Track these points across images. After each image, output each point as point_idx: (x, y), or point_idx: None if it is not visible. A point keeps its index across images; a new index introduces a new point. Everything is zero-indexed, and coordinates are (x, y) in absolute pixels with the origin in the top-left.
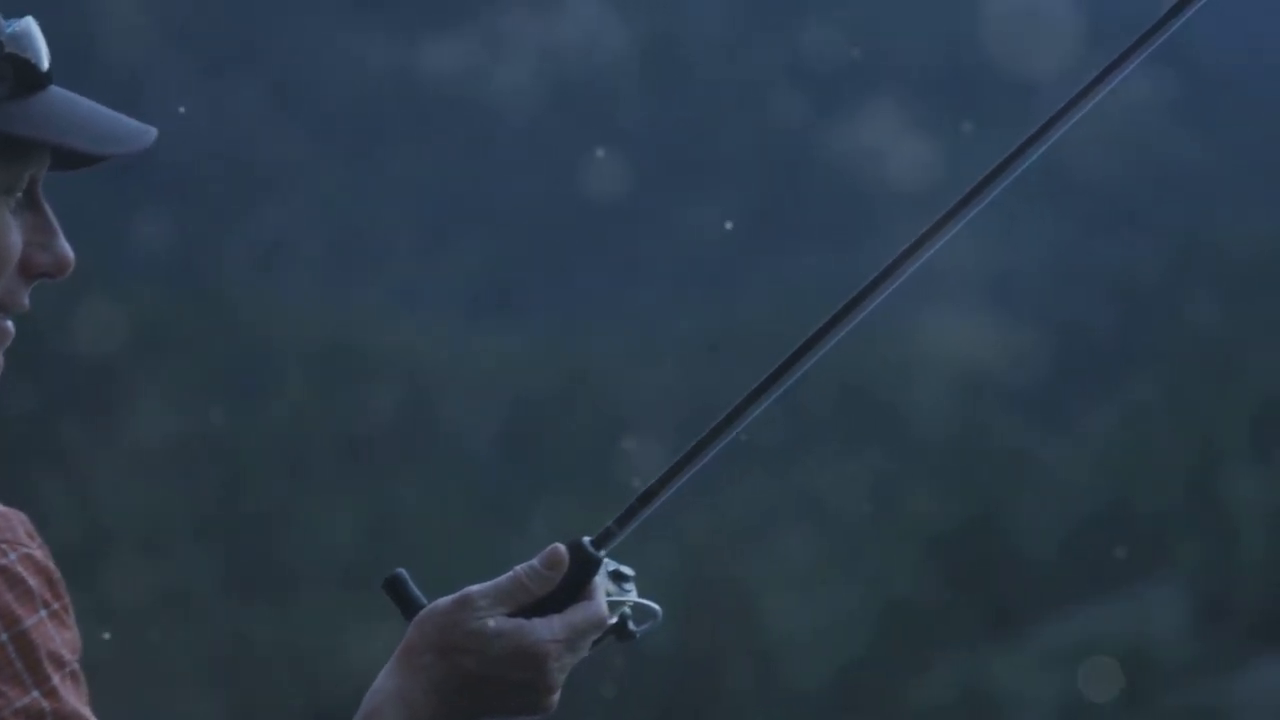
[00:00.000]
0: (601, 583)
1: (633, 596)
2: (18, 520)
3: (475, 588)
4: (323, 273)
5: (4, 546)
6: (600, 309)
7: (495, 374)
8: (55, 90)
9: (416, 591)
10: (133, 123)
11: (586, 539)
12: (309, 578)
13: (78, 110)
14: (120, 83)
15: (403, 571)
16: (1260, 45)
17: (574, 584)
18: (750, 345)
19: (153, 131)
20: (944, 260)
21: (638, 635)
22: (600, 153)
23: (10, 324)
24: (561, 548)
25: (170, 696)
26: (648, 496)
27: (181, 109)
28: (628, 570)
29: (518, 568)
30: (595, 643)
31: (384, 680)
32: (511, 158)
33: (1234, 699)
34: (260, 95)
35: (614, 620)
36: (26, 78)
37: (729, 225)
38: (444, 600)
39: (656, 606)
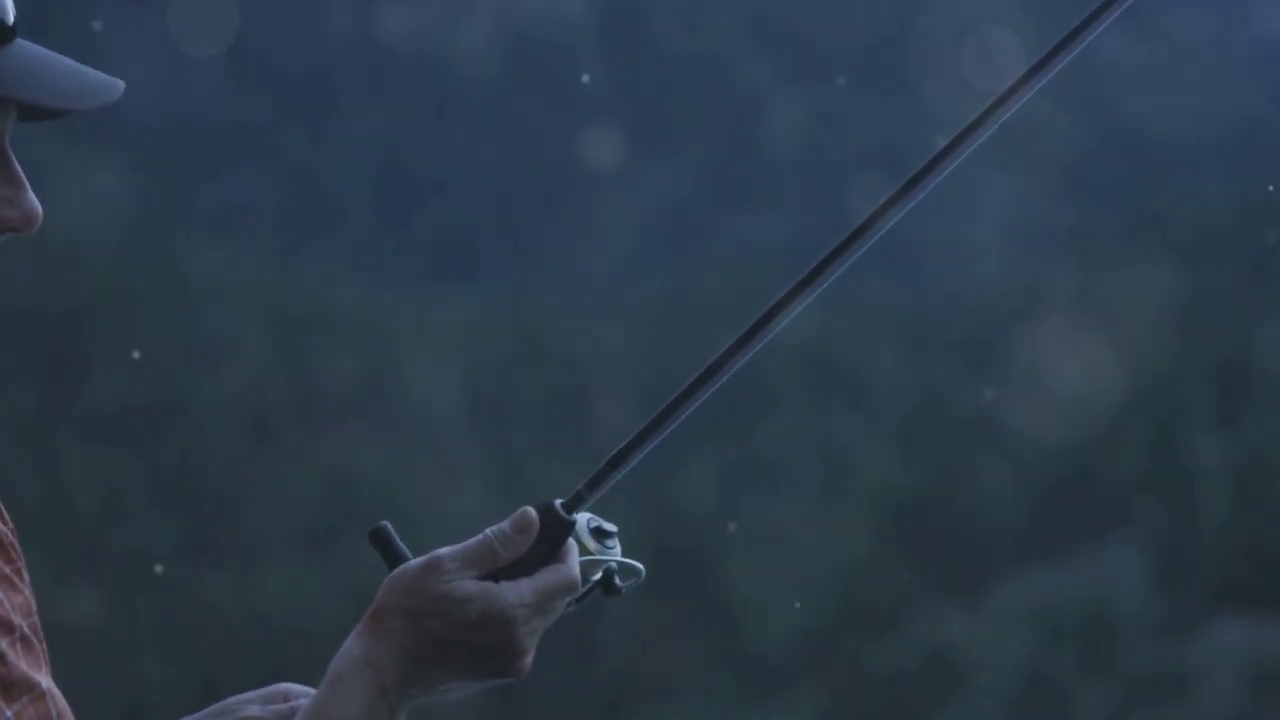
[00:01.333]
0: (573, 546)
1: (615, 554)
2: None
3: (444, 550)
4: (281, 236)
5: None
6: (559, 272)
7: (455, 337)
8: (21, 43)
9: (401, 544)
10: (100, 76)
11: (558, 502)
12: (269, 542)
13: (44, 64)
14: (79, 43)
15: (387, 524)
16: (1220, 11)
17: (545, 547)
18: (708, 309)
19: (120, 85)
20: (902, 222)
21: (623, 591)
22: (559, 115)
23: None
24: (531, 511)
25: (131, 661)
26: (618, 460)
27: (137, 74)
28: (610, 527)
29: (488, 531)
30: (580, 599)
31: (351, 643)
32: (470, 121)
33: (1194, 661)
34: (217, 57)
35: (598, 576)
36: None
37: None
38: (413, 563)
39: (639, 565)
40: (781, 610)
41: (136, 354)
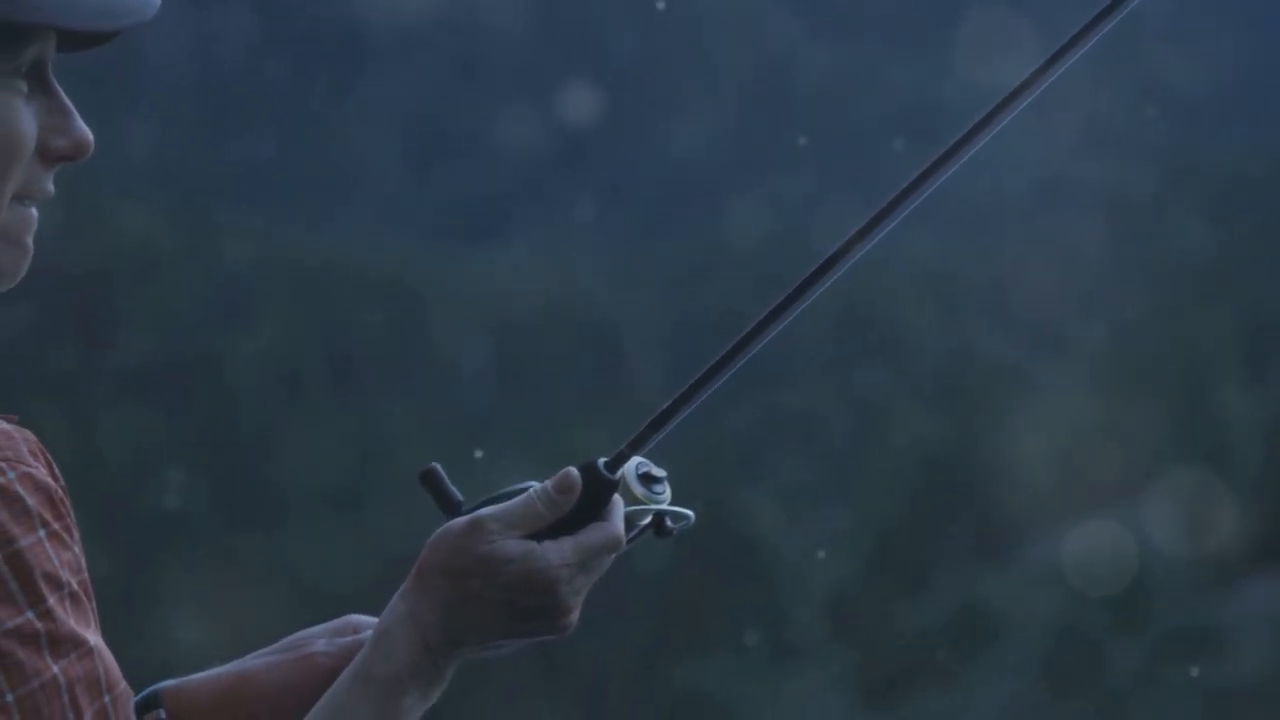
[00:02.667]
0: (618, 503)
1: (665, 499)
2: (22, 439)
3: (487, 510)
4: (311, 194)
5: (3, 465)
6: (589, 231)
7: (483, 296)
8: None
9: (451, 486)
10: None
11: (601, 460)
12: (299, 500)
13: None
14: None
15: (437, 466)
16: None
17: (589, 505)
18: (739, 267)
19: (155, 2)
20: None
21: (673, 532)
22: (588, 73)
23: (34, 211)
24: (574, 472)
25: (162, 619)
26: (660, 420)
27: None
28: (659, 471)
29: (531, 490)
30: (629, 541)
31: (397, 601)
32: (499, 79)
33: (1227, 617)
34: (244, 16)
35: (646, 521)
36: None
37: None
38: (457, 522)
39: (688, 512)
40: (812, 568)
41: (167, 311)
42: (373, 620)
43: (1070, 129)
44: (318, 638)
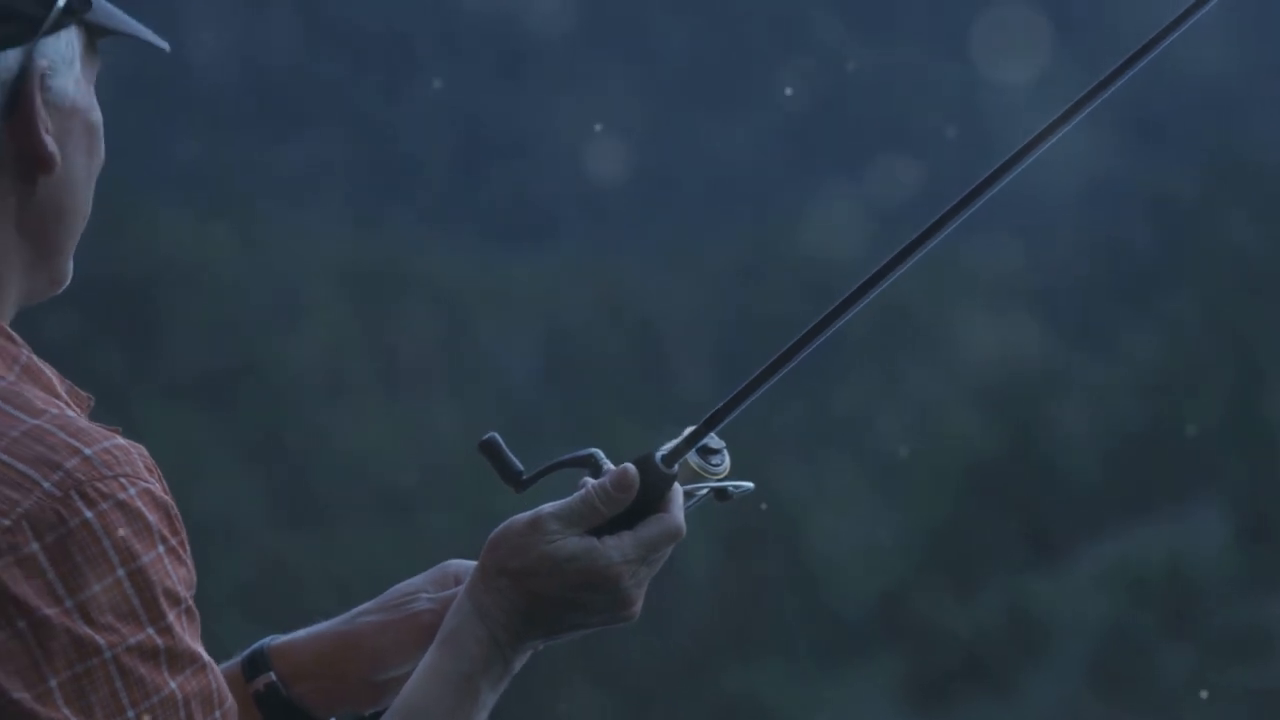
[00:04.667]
0: (678, 492)
1: (723, 470)
2: (136, 453)
3: (548, 508)
4: (357, 197)
5: (124, 480)
6: (637, 233)
7: (532, 298)
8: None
9: (511, 455)
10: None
11: (658, 455)
12: (347, 505)
13: (119, 11)
14: (153, 6)
15: (496, 435)
16: None
17: (647, 497)
18: (787, 270)
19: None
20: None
21: (734, 496)
22: (635, 74)
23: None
24: (632, 469)
25: (208, 622)
26: (714, 419)
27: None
28: (716, 443)
29: (590, 487)
30: (689, 507)
31: (464, 599)
32: (547, 80)
33: (1277, 621)
34: (292, 18)
35: (704, 491)
36: None
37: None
38: (517, 520)
39: (747, 484)
40: (861, 571)
41: (215, 315)
42: (469, 564)
43: (1116, 126)
44: (420, 591)
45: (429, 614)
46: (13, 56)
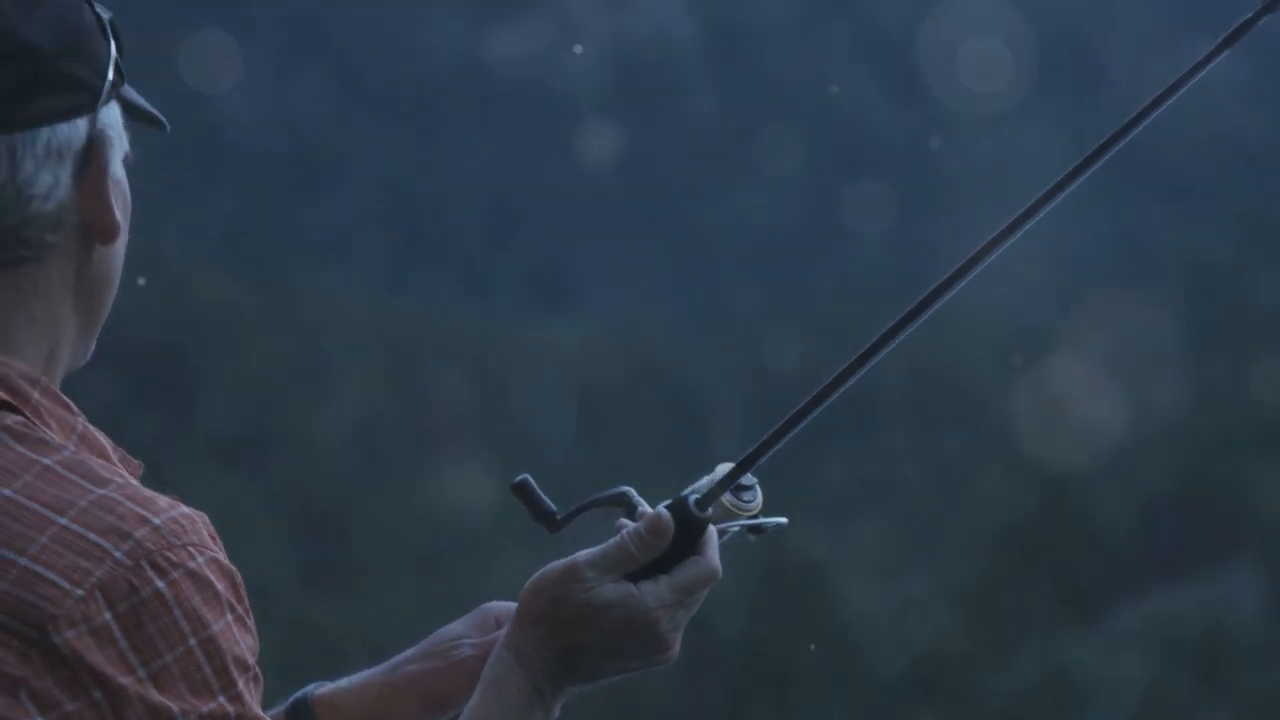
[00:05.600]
0: (713, 535)
1: (755, 507)
2: (200, 522)
3: (583, 556)
4: (390, 259)
5: (192, 549)
6: (667, 292)
7: (563, 358)
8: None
9: (543, 495)
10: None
11: (691, 498)
12: (381, 565)
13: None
14: (190, 69)
15: (528, 477)
16: None
17: (682, 542)
18: (816, 327)
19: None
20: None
21: (768, 531)
22: (666, 137)
23: None
24: (666, 516)
25: None
26: (747, 462)
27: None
28: (748, 480)
29: (624, 534)
30: (724, 541)
31: (503, 649)
32: (577, 144)
33: None
34: (327, 82)
35: (736, 528)
36: (120, 67)
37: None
38: (553, 569)
39: (781, 520)
40: (897, 632)
41: (248, 377)
42: (508, 606)
43: (1145, 184)
44: (463, 637)
45: (472, 660)
46: (82, 125)
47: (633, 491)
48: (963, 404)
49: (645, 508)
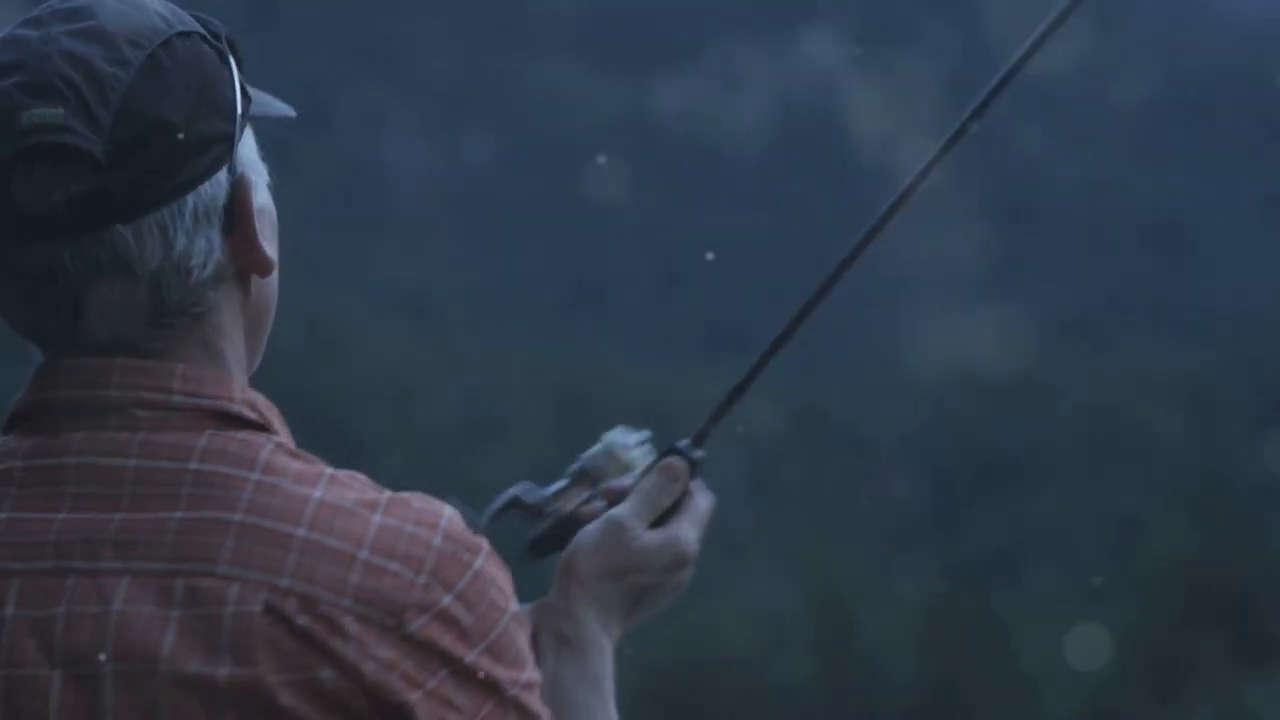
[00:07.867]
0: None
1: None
2: None
3: (619, 511)
4: (555, 312)
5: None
6: (838, 348)
7: (733, 413)
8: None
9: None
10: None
11: (683, 442)
12: None
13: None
14: (356, 126)
15: (517, 492)
16: None
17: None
18: (990, 381)
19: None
20: (1184, 286)
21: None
22: (830, 190)
23: None
24: (676, 459)
25: None
26: (735, 393)
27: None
28: (641, 436)
29: (643, 484)
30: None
31: (583, 614)
32: (742, 197)
33: None
34: (486, 136)
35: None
36: (245, 89)
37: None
38: (592, 531)
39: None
40: (1071, 678)
41: (413, 432)
42: None
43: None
44: None
45: None
46: (223, 177)
47: (520, 490)
48: (1132, 451)
49: (547, 490)
